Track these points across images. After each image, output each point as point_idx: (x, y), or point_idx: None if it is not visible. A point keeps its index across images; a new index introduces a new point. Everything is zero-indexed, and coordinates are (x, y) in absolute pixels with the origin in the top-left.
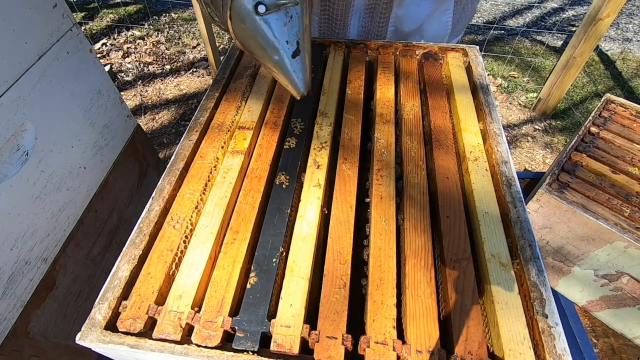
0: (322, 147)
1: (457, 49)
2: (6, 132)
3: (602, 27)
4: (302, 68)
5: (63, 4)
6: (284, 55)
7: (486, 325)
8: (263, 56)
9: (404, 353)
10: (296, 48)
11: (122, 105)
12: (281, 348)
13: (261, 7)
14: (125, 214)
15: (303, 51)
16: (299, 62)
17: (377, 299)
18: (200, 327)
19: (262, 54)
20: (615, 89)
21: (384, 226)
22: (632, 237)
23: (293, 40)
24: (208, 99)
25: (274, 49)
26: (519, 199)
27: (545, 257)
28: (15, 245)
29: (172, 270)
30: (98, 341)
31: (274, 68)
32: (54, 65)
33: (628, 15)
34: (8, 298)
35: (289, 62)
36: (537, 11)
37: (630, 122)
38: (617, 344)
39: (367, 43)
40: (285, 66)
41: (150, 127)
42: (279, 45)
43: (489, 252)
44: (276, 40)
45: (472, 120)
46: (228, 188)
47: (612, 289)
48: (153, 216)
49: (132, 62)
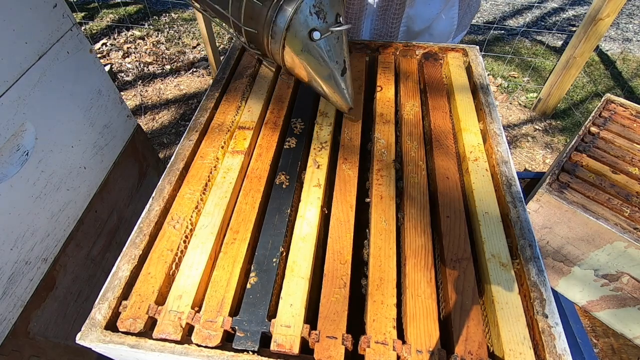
0: (322, 147)
1: (457, 49)
2: (6, 132)
3: (602, 27)
4: (349, 84)
5: (63, 4)
6: (335, 74)
7: (486, 325)
8: (314, 77)
9: (404, 353)
10: (344, 67)
11: (122, 105)
12: (281, 348)
13: (316, 33)
14: (125, 214)
15: (348, 69)
16: (347, 79)
17: (377, 298)
18: (201, 327)
19: (313, 75)
20: (615, 89)
21: (384, 226)
22: (632, 237)
23: (341, 60)
24: (208, 99)
25: (326, 69)
26: (519, 199)
27: (545, 257)
28: (15, 245)
29: (172, 270)
30: (98, 341)
31: (324, 87)
32: (54, 65)
33: (628, 15)
34: (8, 298)
35: (340, 80)
36: (537, 11)
37: (630, 122)
38: (617, 344)
39: (367, 43)
40: (337, 84)
41: (150, 127)
42: (329, 66)
43: (489, 252)
44: (328, 62)
45: (472, 120)
46: (228, 188)
47: (612, 289)
48: (153, 216)
49: (132, 62)
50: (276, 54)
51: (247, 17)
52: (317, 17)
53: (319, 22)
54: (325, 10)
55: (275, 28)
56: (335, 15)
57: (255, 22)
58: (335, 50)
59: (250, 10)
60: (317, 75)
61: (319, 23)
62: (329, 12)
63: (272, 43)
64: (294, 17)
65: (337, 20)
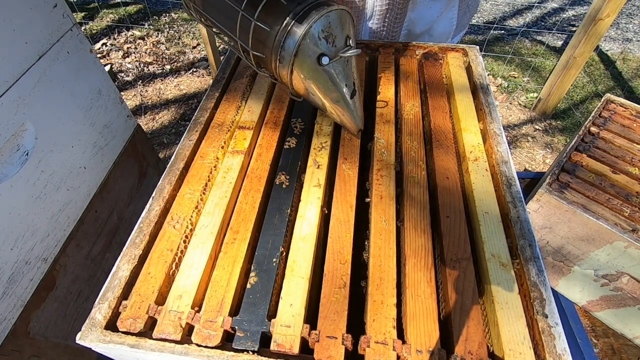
0: (322, 147)
1: (457, 49)
2: (6, 132)
3: (602, 27)
4: (359, 106)
5: (63, 4)
6: (344, 97)
7: (486, 325)
8: (322, 101)
9: (404, 353)
10: (353, 89)
11: (122, 105)
12: (281, 348)
13: (325, 59)
14: (125, 214)
15: (358, 90)
16: (356, 101)
17: (377, 298)
18: (201, 326)
19: (323, 99)
20: (615, 89)
21: (384, 226)
22: (632, 237)
23: (350, 83)
24: (208, 99)
25: (335, 93)
26: (519, 199)
27: (545, 257)
28: (15, 245)
29: (172, 270)
30: (98, 341)
31: (333, 109)
32: (54, 65)
33: (628, 15)
34: (8, 298)
35: (349, 103)
36: (537, 11)
37: (630, 122)
38: (617, 344)
39: (368, 43)
40: (346, 107)
41: (150, 127)
42: (339, 89)
43: (489, 252)
44: (337, 85)
45: (472, 120)
46: (228, 188)
47: (612, 289)
48: (153, 216)
49: (132, 62)
50: (284, 77)
51: (254, 40)
52: (326, 41)
53: (328, 46)
54: (335, 34)
55: (283, 53)
56: (345, 38)
57: (263, 46)
58: (345, 74)
59: (258, 34)
60: (325, 99)
61: (328, 48)
62: (338, 35)
63: (280, 67)
64: (302, 42)
65: (346, 44)
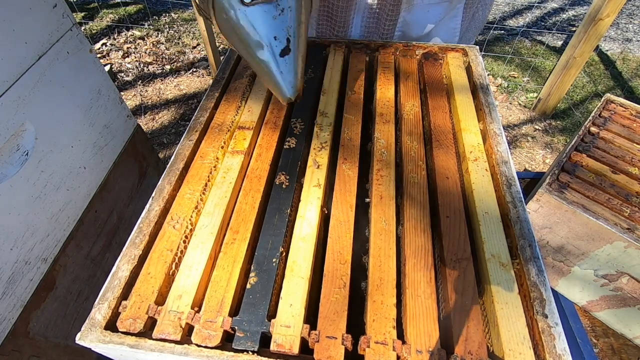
0: (322, 147)
1: (457, 49)
2: (6, 132)
3: (602, 27)
4: (290, 69)
5: (63, 4)
6: (270, 53)
7: (486, 325)
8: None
9: (404, 353)
10: (286, 46)
11: (122, 105)
12: (281, 348)
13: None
14: (125, 214)
15: (294, 50)
16: (287, 62)
17: (377, 298)
18: (200, 327)
19: (246, 50)
20: (615, 89)
21: (384, 226)
22: (632, 237)
23: (282, 37)
24: (208, 99)
25: (259, 44)
26: (519, 199)
27: (545, 257)
28: (15, 245)
29: (172, 270)
30: (98, 341)
31: (258, 67)
32: (54, 65)
33: (628, 15)
34: (8, 298)
35: (275, 61)
36: (537, 11)
37: (630, 122)
38: (617, 344)
39: (367, 43)
40: (271, 65)
41: (150, 127)
42: (265, 41)
43: (489, 252)
44: (262, 34)
45: (472, 120)
46: (228, 188)
47: (612, 289)
48: (153, 216)
49: (132, 62)
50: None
51: None
52: None
53: None
54: None
55: None
56: None
57: None
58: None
59: None
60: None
61: None
62: None
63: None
64: None
65: None
